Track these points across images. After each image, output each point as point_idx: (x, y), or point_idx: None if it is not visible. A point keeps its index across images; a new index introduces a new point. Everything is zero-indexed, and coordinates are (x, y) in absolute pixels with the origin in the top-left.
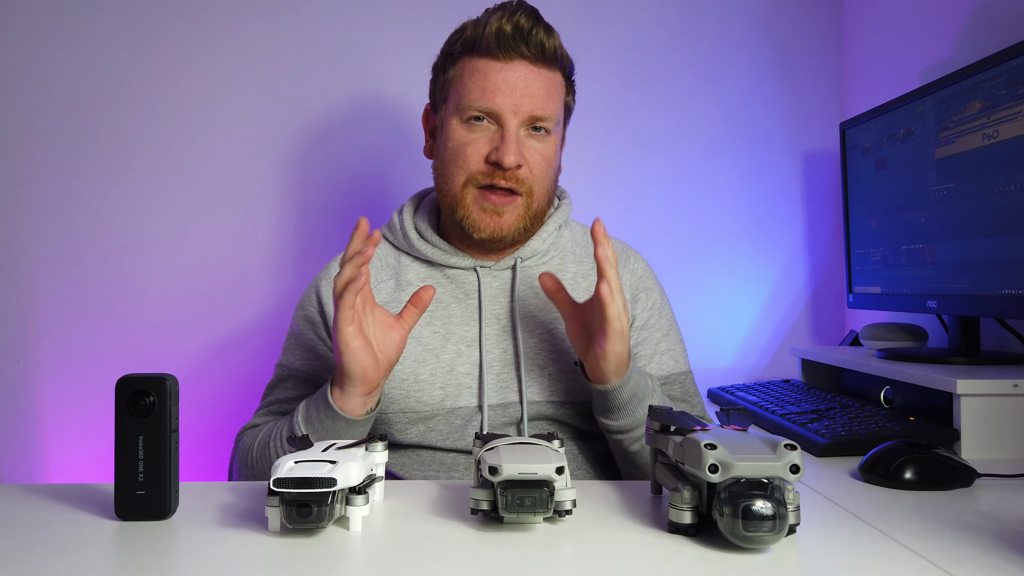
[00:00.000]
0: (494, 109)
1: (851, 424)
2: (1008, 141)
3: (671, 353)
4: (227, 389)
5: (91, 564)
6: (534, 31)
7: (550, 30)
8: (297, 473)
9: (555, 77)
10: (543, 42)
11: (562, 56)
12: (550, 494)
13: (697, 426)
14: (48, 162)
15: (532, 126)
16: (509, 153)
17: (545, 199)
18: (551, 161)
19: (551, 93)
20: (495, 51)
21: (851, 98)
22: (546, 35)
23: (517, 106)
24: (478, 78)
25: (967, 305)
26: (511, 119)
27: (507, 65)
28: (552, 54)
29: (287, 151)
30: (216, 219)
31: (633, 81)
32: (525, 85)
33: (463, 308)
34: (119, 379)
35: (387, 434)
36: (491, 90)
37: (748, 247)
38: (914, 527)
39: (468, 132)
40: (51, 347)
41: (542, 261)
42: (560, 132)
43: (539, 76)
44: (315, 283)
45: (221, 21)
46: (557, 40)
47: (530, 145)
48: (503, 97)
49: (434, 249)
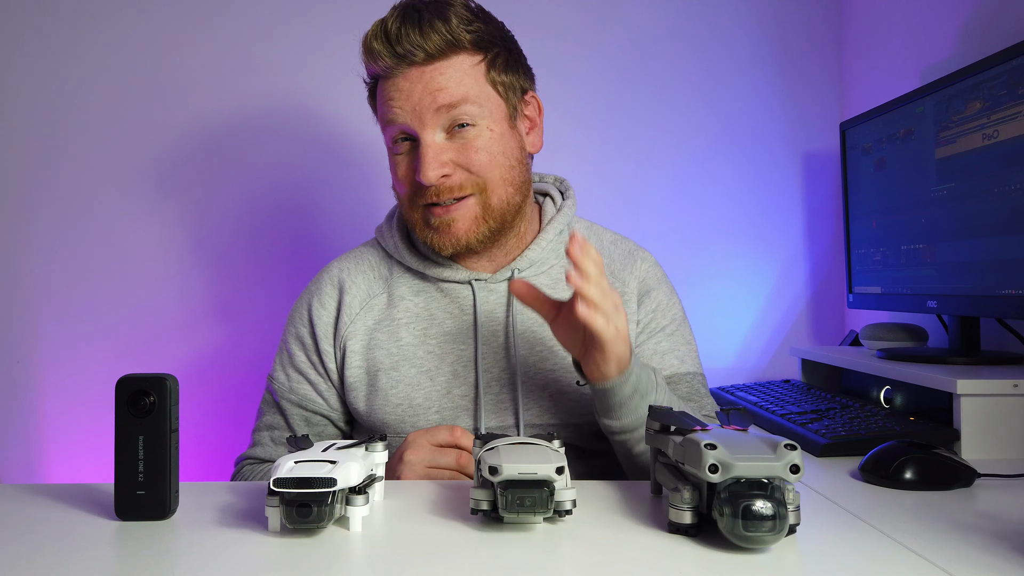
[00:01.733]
0: (401, 126)
1: (851, 424)
2: (1008, 141)
3: (675, 353)
4: (227, 389)
5: (91, 564)
6: (403, 32)
7: (427, 21)
8: (297, 473)
9: (459, 62)
10: (419, 42)
11: (460, 39)
12: (550, 494)
13: (697, 426)
14: (48, 162)
15: (454, 124)
16: (427, 169)
17: (508, 190)
18: (493, 149)
19: (459, 81)
20: (380, 69)
21: (851, 98)
22: (419, 31)
23: (420, 113)
24: (381, 100)
25: (967, 305)
26: (419, 127)
27: (398, 77)
28: (440, 45)
29: (286, 151)
30: (216, 219)
31: (633, 81)
32: (421, 88)
33: (458, 324)
34: (119, 379)
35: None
36: (391, 108)
37: (748, 247)
38: (914, 527)
39: (395, 156)
40: (51, 347)
41: (541, 270)
42: (497, 113)
43: (435, 71)
44: (307, 297)
45: (225, 17)
46: (443, 27)
47: (458, 145)
48: (401, 109)
49: (426, 262)
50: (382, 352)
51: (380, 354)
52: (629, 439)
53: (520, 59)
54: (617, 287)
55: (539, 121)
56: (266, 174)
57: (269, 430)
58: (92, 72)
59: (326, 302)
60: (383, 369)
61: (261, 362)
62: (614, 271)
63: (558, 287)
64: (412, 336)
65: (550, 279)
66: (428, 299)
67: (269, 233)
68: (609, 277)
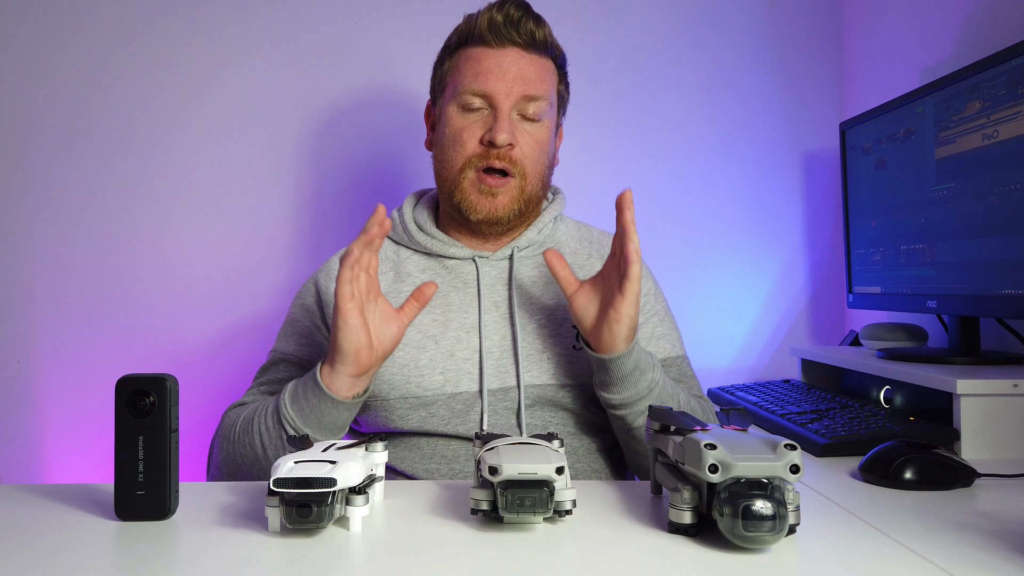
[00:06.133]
0: (487, 91)
1: (851, 424)
2: (1008, 141)
3: (667, 337)
4: (227, 389)
5: (91, 564)
6: (524, 20)
7: (540, 20)
8: (297, 473)
9: (546, 64)
10: (532, 30)
11: (552, 45)
12: (550, 494)
13: (697, 426)
14: (48, 162)
15: (525, 112)
16: (502, 131)
17: (539, 184)
18: (544, 146)
19: (543, 77)
20: (488, 39)
21: (851, 98)
22: (535, 24)
23: (509, 88)
24: (472, 64)
25: (967, 305)
26: (504, 101)
27: (499, 51)
28: (542, 42)
29: (285, 151)
30: (215, 219)
31: (633, 81)
32: (517, 68)
33: (462, 296)
34: (119, 379)
35: (388, 422)
36: (484, 74)
37: (748, 247)
38: (914, 527)
39: (464, 118)
40: (51, 347)
41: (538, 251)
42: (553, 120)
43: (530, 61)
44: (314, 276)
45: (223, 17)
46: (547, 30)
47: (523, 128)
48: (495, 80)
49: (433, 240)
50: None
51: None
52: (628, 414)
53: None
54: None
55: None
56: (268, 174)
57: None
58: (91, 71)
59: (333, 275)
60: None
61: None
62: (604, 256)
63: None
64: None
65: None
66: (434, 275)
67: (270, 233)
68: (599, 261)
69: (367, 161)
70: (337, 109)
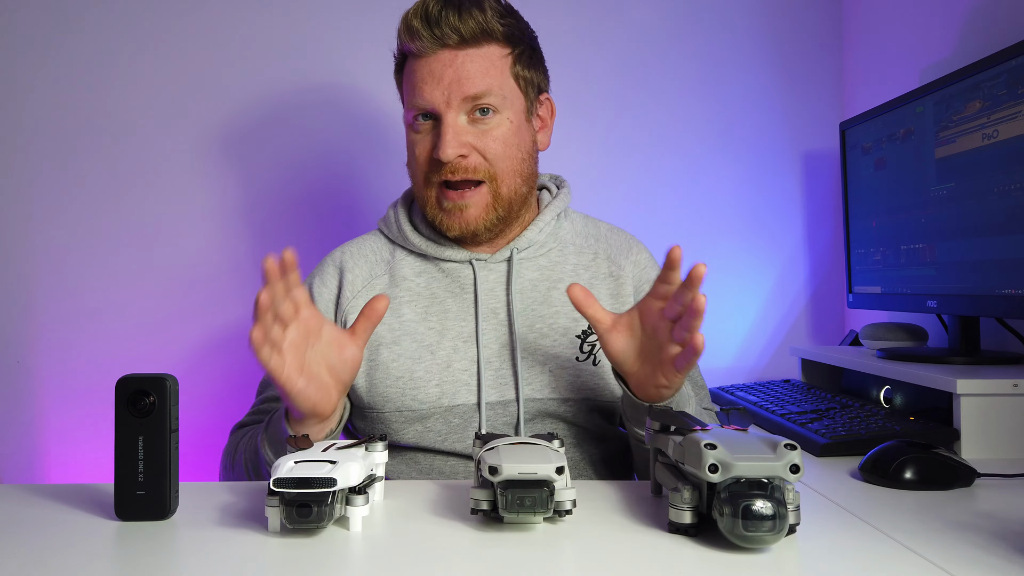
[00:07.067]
0: (426, 105)
1: (851, 424)
2: (1008, 141)
3: None
4: (227, 389)
5: (91, 564)
6: (444, 14)
7: (463, 7)
8: (297, 473)
9: (489, 52)
10: (457, 25)
11: (493, 29)
12: (550, 494)
13: (697, 426)
14: (47, 162)
15: (476, 109)
16: (446, 146)
17: (517, 180)
18: (509, 140)
19: (486, 69)
20: (416, 47)
21: (851, 98)
22: (459, 16)
23: (447, 95)
24: (409, 79)
25: (967, 305)
26: (445, 110)
27: (430, 58)
28: (476, 31)
29: (283, 151)
30: (215, 218)
31: (633, 80)
32: (452, 71)
33: (459, 303)
34: (119, 379)
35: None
36: (419, 86)
37: (748, 247)
38: (914, 527)
39: (415, 134)
40: (51, 347)
41: (540, 252)
42: (518, 107)
43: (467, 57)
44: (308, 279)
45: (218, 18)
46: (479, 16)
47: (478, 130)
48: (431, 90)
49: (428, 242)
50: (384, 327)
51: (382, 329)
52: None
53: (541, 59)
54: (614, 270)
55: (550, 122)
56: (270, 174)
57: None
58: (91, 71)
59: (328, 281)
60: (384, 343)
61: None
62: (611, 255)
63: (556, 269)
64: (414, 313)
65: (548, 261)
66: (430, 279)
67: (269, 233)
68: (606, 260)
69: (373, 162)
70: (340, 109)
